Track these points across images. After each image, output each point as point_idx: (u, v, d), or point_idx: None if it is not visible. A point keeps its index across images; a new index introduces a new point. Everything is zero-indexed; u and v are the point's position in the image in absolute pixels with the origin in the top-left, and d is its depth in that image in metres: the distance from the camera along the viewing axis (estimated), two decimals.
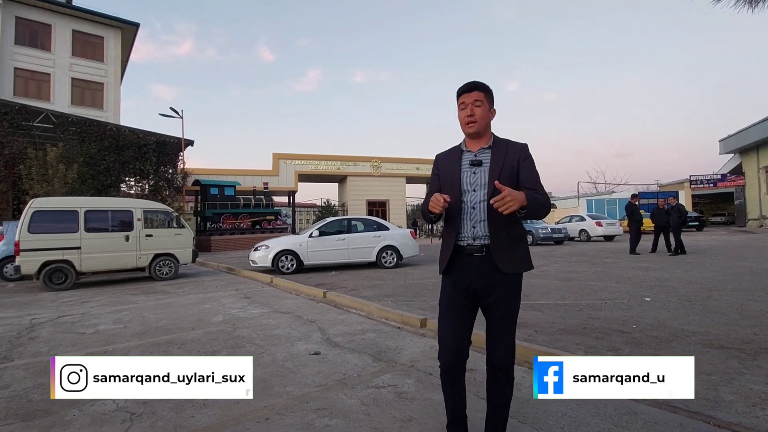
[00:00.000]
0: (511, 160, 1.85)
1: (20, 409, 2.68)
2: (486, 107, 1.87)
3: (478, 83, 1.88)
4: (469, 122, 1.85)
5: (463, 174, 1.88)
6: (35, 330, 4.87)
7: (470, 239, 1.85)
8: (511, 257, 1.82)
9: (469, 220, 1.85)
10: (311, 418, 2.39)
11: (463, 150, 1.94)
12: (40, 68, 22.47)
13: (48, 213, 8.01)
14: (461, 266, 1.88)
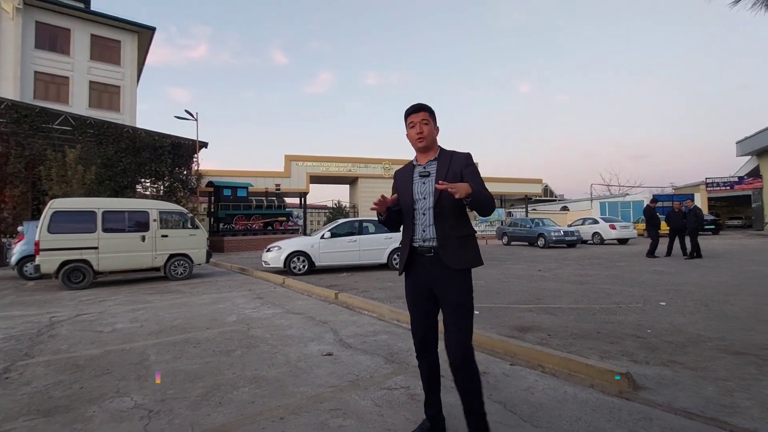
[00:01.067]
0: (454, 168, 2.07)
1: (42, 405, 2.75)
2: (432, 125, 2.13)
3: (424, 105, 2.13)
4: (419, 138, 2.10)
5: (414, 185, 2.13)
6: (55, 328, 4.99)
7: (421, 241, 2.08)
8: (458, 255, 2.01)
9: (420, 225, 2.10)
10: (325, 418, 2.42)
11: (414, 165, 2.20)
12: (59, 72, 23.05)
13: (67, 213, 8.20)
14: (416, 266, 2.12)
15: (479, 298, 6.13)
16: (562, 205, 43.80)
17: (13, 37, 21.60)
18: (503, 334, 4.00)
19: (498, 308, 5.38)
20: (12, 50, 21.53)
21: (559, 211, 38.96)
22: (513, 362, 3.34)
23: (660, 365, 3.15)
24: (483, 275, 8.79)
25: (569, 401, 2.59)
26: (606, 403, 2.55)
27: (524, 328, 4.31)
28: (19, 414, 2.62)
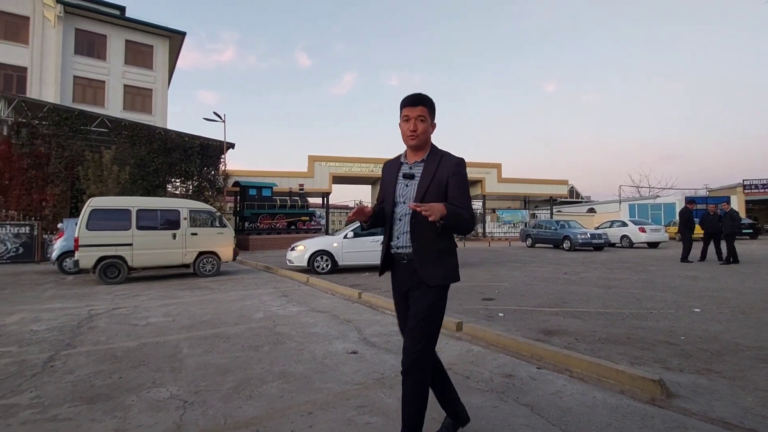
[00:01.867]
0: (440, 175, 1.90)
1: (85, 392, 2.91)
2: (428, 122, 1.93)
3: (423, 97, 1.92)
4: (412, 136, 1.91)
5: (397, 186, 1.99)
6: (93, 320, 5.24)
7: (396, 248, 1.99)
8: (435, 270, 1.89)
9: (396, 230, 1.98)
10: (352, 415, 2.46)
11: (402, 162, 2.04)
12: (96, 76, 24.11)
13: (104, 211, 8.59)
14: (394, 269, 2.07)
15: (504, 300, 6.08)
16: (588, 207, 42.68)
17: (54, 44, 22.75)
18: (529, 337, 3.96)
19: (523, 311, 5.32)
20: (53, 56, 22.67)
21: (586, 213, 37.98)
22: (540, 366, 3.30)
23: (695, 373, 3.05)
24: (507, 277, 8.69)
25: (599, 407, 2.54)
26: (638, 410, 2.49)
27: (550, 332, 4.24)
28: (64, 400, 2.77)
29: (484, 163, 31.00)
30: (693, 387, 2.80)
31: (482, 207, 31.84)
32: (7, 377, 3.21)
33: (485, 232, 30.81)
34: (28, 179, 15.42)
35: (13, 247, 13.43)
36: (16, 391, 2.94)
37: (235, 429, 2.32)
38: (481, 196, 31.02)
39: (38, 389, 2.96)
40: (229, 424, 2.37)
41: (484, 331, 4.08)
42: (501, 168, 31.07)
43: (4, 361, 3.62)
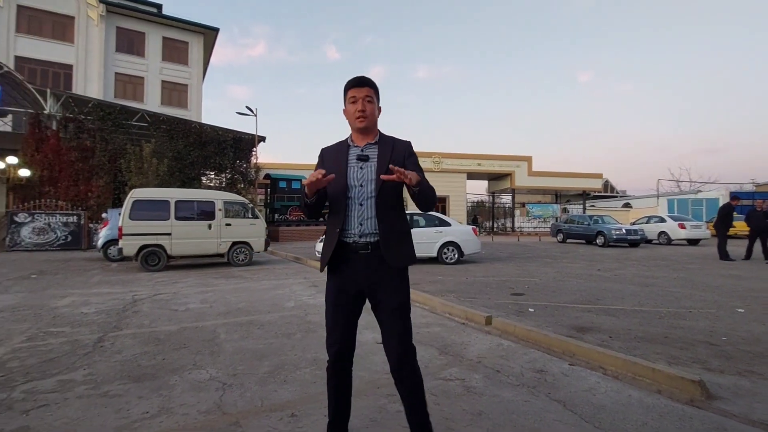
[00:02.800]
0: (396, 156, 1.85)
1: (132, 372, 3.11)
2: (375, 104, 1.88)
3: (368, 79, 1.86)
4: (360, 117, 1.83)
5: (349, 169, 1.85)
6: (137, 305, 5.55)
7: (356, 236, 1.82)
8: (399, 252, 1.82)
9: (356, 217, 1.82)
10: (383, 403, 2.53)
11: (350, 145, 1.92)
12: (135, 72, 25.16)
13: (145, 202, 9.02)
14: (347, 264, 1.84)
15: (534, 295, 6.00)
16: (624, 201, 41.08)
17: (97, 42, 23.86)
18: (560, 333, 3.90)
19: (554, 307, 5.23)
20: (97, 54, 23.80)
21: (621, 208, 36.57)
22: (572, 362, 3.26)
23: (736, 375, 2.94)
24: (537, 273, 8.54)
25: (634, 405, 2.50)
26: (675, 410, 2.43)
27: (583, 329, 4.16)
28: (114, 378, 2.97)
29: (513, 156, 30.32)
30: (734, 389, 2.70)
31: (511, 201, 31.23)
32: (63, 355, 3.47)
33: (514, 227, 30.24)
34: (75, 171, 16.35)
35: (63, 235, 14.32)
36: (71, 368, 3.17)
37: (272, 411, 2.42)
38: (510, 189, 30.40)
39: (90, 367, 3.19)
40: (266, 406, 2.49)
41: (514, 326, 4.05)
42: (531, 161, 30.29)
43: (60, 340, 3.90)
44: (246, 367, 3.16)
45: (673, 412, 2.40)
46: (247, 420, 2.31)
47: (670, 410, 2.43)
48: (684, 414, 2.37)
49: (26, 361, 3.30)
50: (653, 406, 2.48)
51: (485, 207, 36.65)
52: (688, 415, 2.36)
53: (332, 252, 1.83)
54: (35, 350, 3.59)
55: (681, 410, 2.43)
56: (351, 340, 1.89)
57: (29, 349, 3.61)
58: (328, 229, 1.92)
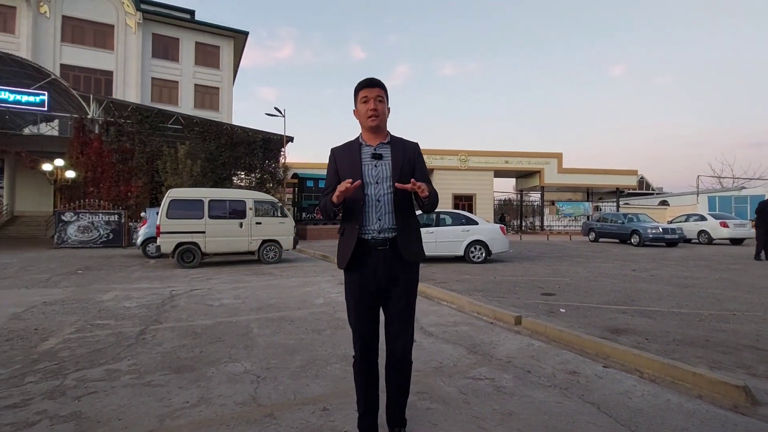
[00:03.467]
0: (409, 157, 1.95)
1: (173, 363, 3.26)
2: (386, 104, 1.94)
3: (378, 81, 1.93)
4: (372, 116, 1.89)
5: (364, 167, 1.91)
6: (175, 300, 5.80)
7: (375, 232, 1.88)
8: (414, 248, 1.93)
9: (374, 213, 1.88)
10: (413, 400, 2.54)
11: (362, 144, 1.97)
12: (170, 77, 26.19)
13: (181, 202, 9.40)
14: (366, 261, 1.89)
15: (565, 296, 5.86)
16: (660, 199, 39.34)
17: (135, 49, 24.97)
18: (593, 334, 3.81)
19: (586, 308, 5.10)
20: (134, 60, 24.91)
21: (657, 206, 35.03)
22: (606, 364, 3.18)
23: None
24: (569, 273, 8.33)
25: (673, 410, 2.41)
26: (717, 416, 2.34)
27: (617, 330, 4.04)
28: (156, 368, 3.13)
29: (543, 153, 29.60)
30: None
31: (540, 199, 30.49)
32: (109, 346, 3.68)
33: (543, 225, 29.54)
34: (116, 173, 17.18)
35: (105, 233, 15.10)
36: (117, 358, 3.36)
37: (304, 404, 2.49)
38: (539, 187, 29.69)
39: (134, 358, 3.37)
40: (299, 400, 2.56)
41: (545, 327, 3.98)
42: (561, 158, 29.47)
43: (105, 332, 4.14)
44: (278, 362, 3.26)
45: (715, 418, 2.31)
46: (281, 412, 2.39)
47: (712, 416, 2.33)
48: (727, 420, 2.28)
49: (76, 351, 3.52)
50: (694, 412, 2.39)
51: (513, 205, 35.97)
52: (732, 421, 2.27)
53: (354, 249, 1.88)
54: (84, 341, 3.82)
55: (724, 416, 2.33)
56: (375, 335, 1.96)
57: (78, 340, 3.85)
58: (345, 228, 1.97)
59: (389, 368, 1.99)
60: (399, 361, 1.96)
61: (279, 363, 3.23)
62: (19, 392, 2.67)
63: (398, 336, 1.92)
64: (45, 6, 23.19)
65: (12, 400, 2.55)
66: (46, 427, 2.22)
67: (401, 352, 1.94)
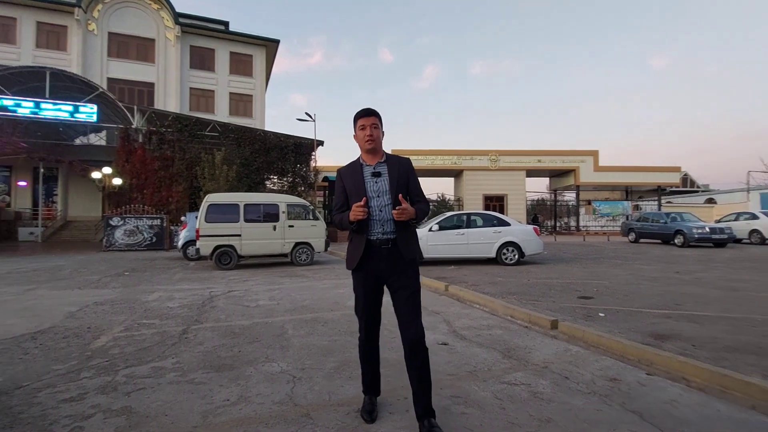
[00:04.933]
0: (403, 172, 2.32)
1: (213, 362, 3.39)
2: (380, 129, 2.32)
3: (374, 110, 2.31)
4: (369, 140, 2.27)
5: (367, 183, 2.29)
6: (214, 301, 6.03)
7: (380, 235, 2.25)
8: (411, 247, 2.28)
9: (378, 221, 2.25)
10: (447, 404, 2.54)
11: (363, 164, 2.35)
12: (207, 86, 27.30)
13: (218, 206, 9.78)
14: (371, 259, 2.26)
15: (604, 299, 5.66)
16: (706, 197, 37.14)
17: (174, 61, 26.20)
18: (635, 340, 3.66)
19: (627, 312, 4.90)
20: (174, 72, 26.14)
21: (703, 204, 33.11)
22: (649, 372, 3.05)
23: None
24: (607, 275, 8.02)
25: (723, 420, 2.29)
26: None
27: (661, 336, 3.86)
28: (198, 367, 3.27)
29: (577, 151, 28.60)
30: None
31: (575, 198, 29.48)
32: (154, 344, 3.88)
33: (579, 226, 28.54)
34: (158, 179, 18.07)
35: (149, 237, 15.91)
36: (162, 356, 3.54)
37: (339, 406, 2.54)
38: (575, 186, 28.70)
39: (177, 356, 3.54)
40: (334, 401, 2.61)
41: (583, 331, 3.86)
42: (598, 155, 28.37)
43: (151, 331, 4.36)
44: (313, 362, 3.33)
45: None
46: (317, 413, 2.44)
47: (766, 428, 2.19)
48: None
49: (125, 349, 3.74)
50: (746, 423, 2.25)
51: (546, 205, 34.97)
52: None
53: (364, 251, 2.24)
54: (131, 339, 4.05)
55: None
56: (377, 318, 2.40)
57: (127, 338, 4.09)
58: (354, 235, 2.33)
59: (408, 358, 2.20)
60: (415, 346, 2.18)
61: (314, 364, 3.30)
62: (75, 386, 2.86)
63: (410, 323, 2.20)
64: (93, 24, 24.75)
65: (69, 393, 2.74)
66: (100, 421, 2.37)
67: (415, 336, 2.18)
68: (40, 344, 3.90)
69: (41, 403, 2.60)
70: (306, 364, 3.30)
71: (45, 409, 2.52)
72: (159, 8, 26.22)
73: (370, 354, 2.41)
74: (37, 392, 2.77)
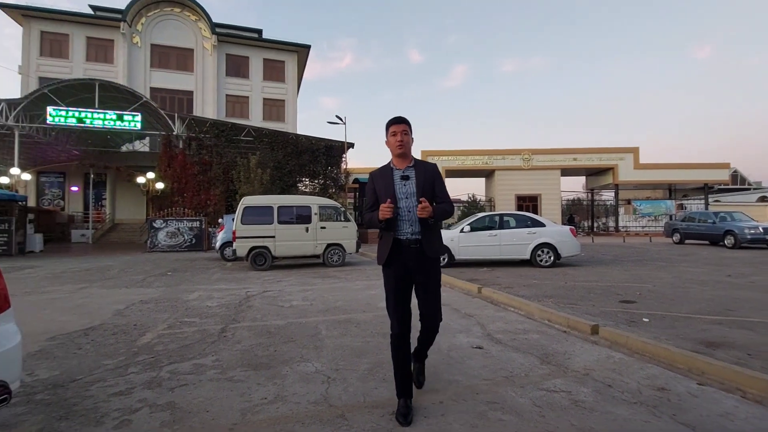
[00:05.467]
0: (429, 177, 2.51)
1: (251, 361, 3.48)
2: (410, 136, 2.53)
3: (404, 118, 2.53)
4: (400, 146, 2.48)
5: (396, 186, 2.49)
6: (250, 300, 6.20)
7: (408, 235, 2.47)
8: (435, 246, 2.50)
9: (406, 221, 2.47)
10: (483, 410, 2.49)
11: (393, 168, 2.55)
12: (242, 93, 28.23)
13: (253, 208, 10.06)
14: (399, 257, 2.47)
15: (648, 304, 5.40)
16: (759, 194, 34.63)
17: (211, 69, 27.25)
18: (684, 347, 3.45)
19: (674, 317, 4.63)
20: (211, 80, 27.20)
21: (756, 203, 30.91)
22: (701, 381, 2.86)
23: None
24: (651, 279, 7.63)
25: None
26: None
27: (712, 343, 3.63)
28: (236, 365, 3.37)
29: (616, 148, 27.40)
30: None
31: (614, 198, 28.24)
32: (195, 342, 4.03)
33: (618, 226, 27.33)
34: (198, 183, 18.83)
35: (189, 238, 16.60)
36: (202, 353, 3.67)
37: (373, 408, 2.54)
38: (613, 185, 27.50)
39: (217, 354, 3.66)
40: (368, 403, 2.61)
41: (627, 337, 3.68)
42: (638, 152, 27.06)
43: (192, 329, 4.53)
44: (347, 363, 3.35)
45: None
46: (352, 414, 2.45)
47: None
48: None
49: (168, 346, 3.90)
50: None
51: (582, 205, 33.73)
52: None
53: (392, 249, 2.46)
54: (174, 337, 4.22)
55: None
56: (408, 313, 2.51)
57: (170, 336, 4.27)
58: (383, 233, 2.53)
59: (422, 334, 2.66)
60: (429, 330, 2.61)
61: (347, 365, 3.32)
62: (123, 381, 3.01)
63: (429, 311, 2.54)
64: (137, 37, 26.14)
65: (118, 388, 2.89)
66: (146, 415, 2.48)
67: (432, 323, 2.57)
68: (92, 340, 4.14)
69: (93, 396, 2.76)
70: (340, 365, 3.32)
71: (96, 402, 2.67)
72: (197, 19, 27.36)
73: (402, 351, 2.46)
74: (89, 386, 2.94)
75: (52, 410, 2.56)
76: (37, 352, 3.74)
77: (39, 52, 24.64)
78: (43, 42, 24.82)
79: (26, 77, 24.03)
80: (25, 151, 19.64)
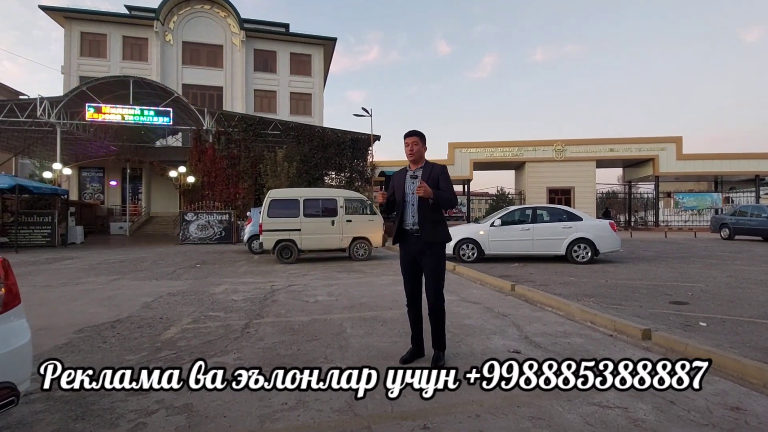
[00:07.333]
0: (433, 175, 3.09)
1: (273, 360, 3.32)
2: (420, 145, 3.17)
3: (415, 131, 3.18)
4: (410, 154, 3.17)
5: (406, 184, 3.17)
6: (275, 295, 6.10)
7: (410, 224, 3.12)
8: (432, 233, 3.05)
9: (410, 212, 3.12)
10: (526, 426, 2.21)
11: (407, 169, 3.25)
12: (269, 87, 28.45)
13: (280, 201, 10.01)
14: (406, 241, 3.16)
15: (703, 306, 4.91)
16: None
17: (240, 65, 27.58)
18: (755, 358, 3.03)
19: (735, 321, 4.16)
20: (240, 75, 27.54)
21: None
22: None
23: None
24: (703, 278, 7.03)
25: None
26: None
27: None
28: (258, 364, 3.21)
29: (657, 138, 25.87)
30: None
31: (654, 190, 26.75)
32: (218, 338, 3.92)
33: (658, 221, 25.90)
34: (227, 177, 19.11)
35: (218, 231, 16.88)
36: (224, 351, 3.55)
37: (403, 419, 2.30)
38: (653, 177, 26.02)
39: (239, 351, 3.52)
40: (396, 413, 2.38)
41: (685, 345, 3.28)
42: (681, 142, 25.45)
43: (216, 324, 4.44)
44: (374, 365, 3.13)
45: None
46: (379, 426, 2.23)
47: None
48: None
49: (191, 342, 3.81)
50: None
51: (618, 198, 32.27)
52: None
53: (397, 234, 3.18)
54: (198, 332, 4.14)
55: None
56: (419, 285, 3.22)
57: (193, 330, 4.19)
58: (396, 220, 3.18)
59: (429, 314, 3.10)
60: (433, 306, 3.08)
61: (375, 367, 3.10)
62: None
63: (431, 289, 3.09)
64: (170, 35, 26.76)
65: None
66: (162, 418, 2.35)
67: (433, 300, 3.08)
68: (117, 333, 4.11)
69: (111, 394, 2.66)
70: None
71: (114, 401, 2.56)
72: (226, 15, 27.70)
73: (412, 313, 3.23)
74: None
75: (70, 409, 2.47)
76: (63, 345, 3.72)
77: (79, 52, 25.63)
78: (83, 42, 25.80)
79: (68, 76, 25.06)
80: (67, 147, 20.52)
